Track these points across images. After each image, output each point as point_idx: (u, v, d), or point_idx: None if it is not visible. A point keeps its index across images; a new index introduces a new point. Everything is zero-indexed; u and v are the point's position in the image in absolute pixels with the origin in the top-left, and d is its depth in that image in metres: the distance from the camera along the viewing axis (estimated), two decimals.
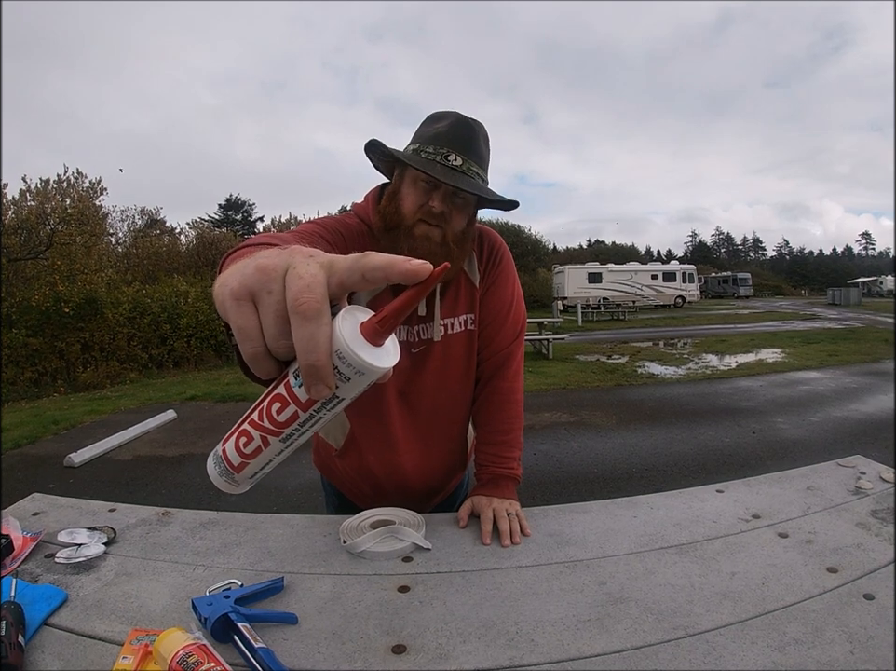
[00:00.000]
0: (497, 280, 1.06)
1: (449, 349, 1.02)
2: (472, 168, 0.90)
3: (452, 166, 0.88)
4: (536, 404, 5.72)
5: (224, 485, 0.45)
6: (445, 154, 0.88)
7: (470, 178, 0.89)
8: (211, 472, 0.45)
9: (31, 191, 9.82)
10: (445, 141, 0.89)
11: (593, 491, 3.43)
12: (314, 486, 1.35)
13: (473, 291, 1.04)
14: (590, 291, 24.66)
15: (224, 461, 0.44)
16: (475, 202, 0.96)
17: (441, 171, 0.87)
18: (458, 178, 0.87)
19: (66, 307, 8.52)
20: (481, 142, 0.93)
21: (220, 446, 0.44)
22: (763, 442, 4.38)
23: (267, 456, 0.42)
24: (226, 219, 32.74)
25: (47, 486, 3.61)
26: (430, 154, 0.88)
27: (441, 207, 0.89)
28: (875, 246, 78.25)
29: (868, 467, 1.16)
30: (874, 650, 0.62)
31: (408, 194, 0.91)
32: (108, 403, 6.59)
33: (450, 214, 0.91)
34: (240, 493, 0.47)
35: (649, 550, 0.87)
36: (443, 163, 0.88)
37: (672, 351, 10.32)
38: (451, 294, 1.02)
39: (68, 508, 1.05)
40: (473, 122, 0.93)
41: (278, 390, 0.38)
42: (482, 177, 0.93)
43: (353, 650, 0.65)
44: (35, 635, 0.67)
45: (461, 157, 0.88)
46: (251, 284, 0.35)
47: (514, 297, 1.09)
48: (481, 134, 0.93)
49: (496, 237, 1.08)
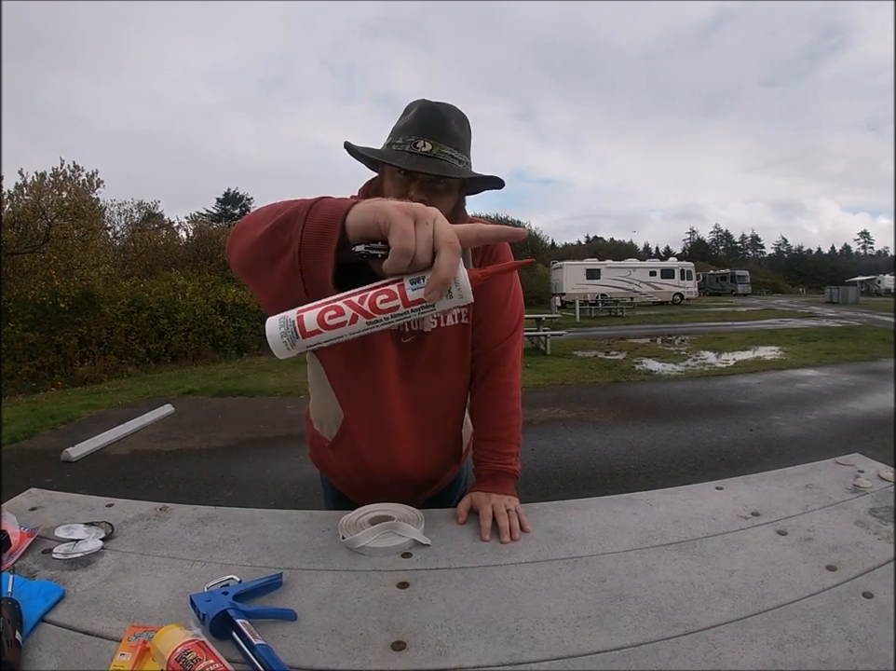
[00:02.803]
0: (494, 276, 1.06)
1: (442, 342, 1.02)
2: (444, 150, 0.89)
3: (421, 153, 0.87)
4: (534, 400, 5.73)
5: (279, 343, 0.54)
6: (414, 142, 0.88)
7: (442, 161, 0.88)
8: (272, 331, 0.54)
9: (27, 185, 9.76)
10: (414, 129, 0.89)
11: (591, 487, 3.44)
12: (312, 481, 1.35)
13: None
14: (589, 287, 24.68)
15: (294, 324, 0.53)
16: (459, 186, 0.95)
17: (408, 159, 0.87)
18: (426, 163, 0.87)
19: (62, 302, 8.48)
20: (453, 123, 0.92)
21: (294, 313, 0.54)
22: (760, 439, 4.39)
23: (344, 332, 0.53)
24: (224, 213, 32.65)
25: (45, 481, 3.60)
26: (400, 145, 0.89)
27: (418, 196, 0.89)
28: (873, 245, 78.43)
29: (866, 465, 1.16)
30: (873, 648, 0.62)
31: (389, 187, 0.92)
32: (105, 398, 6.58)
33: (430, 202, 0.91)
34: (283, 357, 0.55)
35: (649, 547, 0.87)
36: (412, 151, 0.87)
37: (669, 348, 10.34)
38: None
39: (65, 503, 1.04)
40: (441, 106, 0.92)
41: (390, 288, 0.52)
42: (459, 159, 0.91)
43: (352, 647, 0.65)
44: (33, 631, 0.67)
45: (430, 143, 0.88)
46: (415, 210, 0.53)
47: (511, 293, 1.08)
48: (452, 116, 0.92)
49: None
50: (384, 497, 1.02)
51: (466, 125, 0.96)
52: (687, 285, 27.92)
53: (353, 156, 0.98)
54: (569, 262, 27.24)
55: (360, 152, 0.93)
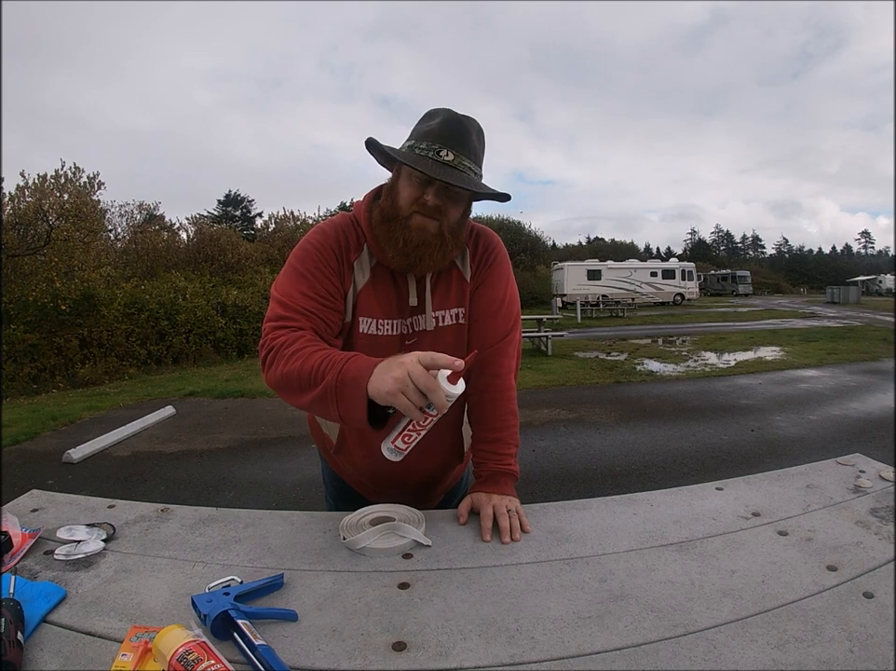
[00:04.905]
0: (489, 279, 1.08)
1: (439, 340, 1.04)
2: (464, 162, 0.92)
3: (444, 161, 0.91)
4: (535, 401, 5.73)
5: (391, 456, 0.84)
6: (437, 150, 0.91)
7: (461, 172, 0.92)
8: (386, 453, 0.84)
9: (28, 186, 9.77)
10: (438, 137, 0.92)
11: (592, 488, 3.44)
12: (313, 482, 1.36)
13: (464, 285, 1.06)
14: (590, 288, 24.65)
15: (395, 449, 0.83)
16: (469, 195, 0.99)
17: (432, 166, 0.90)
18: (449, 173, 0.90)
19: (63, 303, 8.49)
20: (473, 136, 0.95)
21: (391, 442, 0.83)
22: (762, 440, 4.39)
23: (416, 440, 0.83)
24: (225, 215, 32.63)
25: (46, 483, 3.61)
26: (423, 150, 0.92)
27: (434, 201, 0.93)
28: (874, 245, 78.27)
29: (867, 465, 1.16)
30: (873, 648, 0.62)
31: (404, 188, 0.95)
32: (107, 400, 6.58)
33: (445, 207, 0.94)
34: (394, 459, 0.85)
35: (649, 547, 0.87)
36: (435, 158, 0.91)
37: (671, 349, 10.33)
38: (442, 286, 1.05)
39: (67, 504, 1.05)
40: (465, 118, 0.96)
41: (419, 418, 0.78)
42: (475, 171, 0.95)
43: (353, 648, 0.65)
44: (34, 632, 0.67)
45: (453, 153, 0.91)
46: (400, 387, 0.74)
47: (506, 296, 1.09)
48: (473, 129, 0.96)
49: (493, 237, 1.11)
50: (394, 497, 1.03)
51: (482, 138, 0.99)
52: (688, 286, 27.88)
53: (371, 152, 1.00)
54: (570, 263, 27.20)
55: (384, 149, 0.95)
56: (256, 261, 14.43)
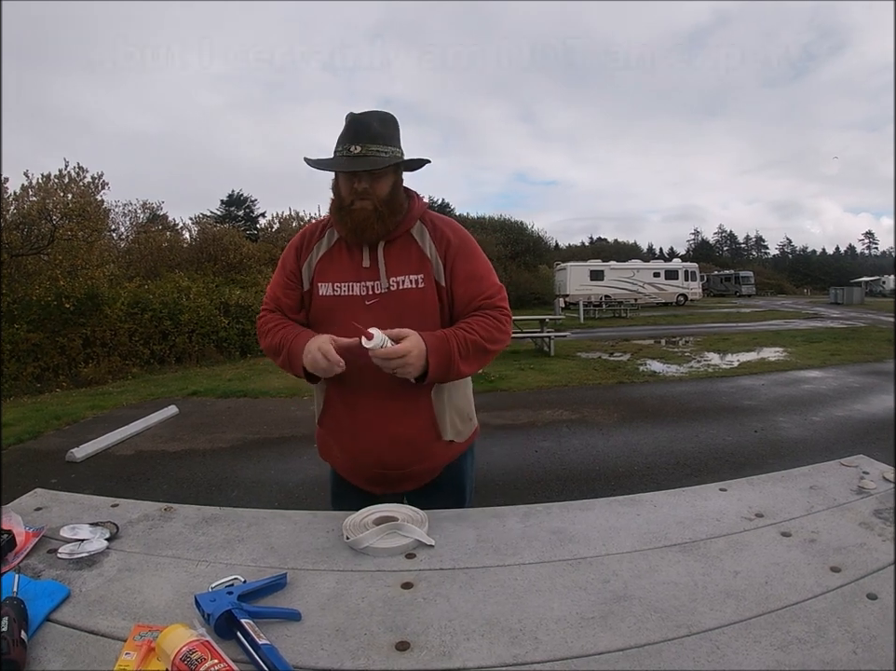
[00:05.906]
0: (462, 252, 1.21)
1: (398, 300, 1.16)
2: (371, 148, 1.10)
3: (353, 154, 1.10)
4: (538, 401, 5.72)
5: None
6: (348, 147, 1.11)
7: (370, 157, 1.09)
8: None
9: (32, 186, 9.80)
10: (345, 138, 1.12)
11: (595, 489, 3.43)
12: (316, 481, 1.36)
13: (423, 258, 1.19)
14: (592, 288, 24.62)
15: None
16: (392, 170, 1.16)
17: (343, 162, 1.11)
18: (356, 162, 1.10)
19: (67, 302, 8.52)
20: (375, 125, 1.12)
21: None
22: (765, 441, 4.37)
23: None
24: (228, 215, 32.64)
25: (50, 482, 3.62)
26: (340, 151, 1.12)
27: (362, 185, 1.12)
28: (878, 245, 77.95)
29: (871, 467, 1.15)
30: (877, 649, 0.62)
31: (340, 184, 1.16)
32: (110, 399, 6.59)
33: (372, 188, 1.12)
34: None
35: (652, 548, 0.87)
36: (347, 154, 1.10)
37: (673, 349, 10.31)
38: (395, 253, 1.19)
39: (70, 503, 1.05)
40: (365, 114, 1.14)
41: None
42: (385, 151, 1.11)
43: (356, 647, 0.65)
44: (38, 631, 0.67)
45: (359, 146, 1.10)
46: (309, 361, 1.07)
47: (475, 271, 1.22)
48: (374, 119, 1.13)
49: (450, 223, 1.26)
50: (374, 472, 1.16)
51: (389, 122, 1.16)
52: (691, 286, 27.82)
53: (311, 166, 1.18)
54: (573, 263, 27.19)
55: (312, 164, 1.16)
56: (259, 261, 14.44)
